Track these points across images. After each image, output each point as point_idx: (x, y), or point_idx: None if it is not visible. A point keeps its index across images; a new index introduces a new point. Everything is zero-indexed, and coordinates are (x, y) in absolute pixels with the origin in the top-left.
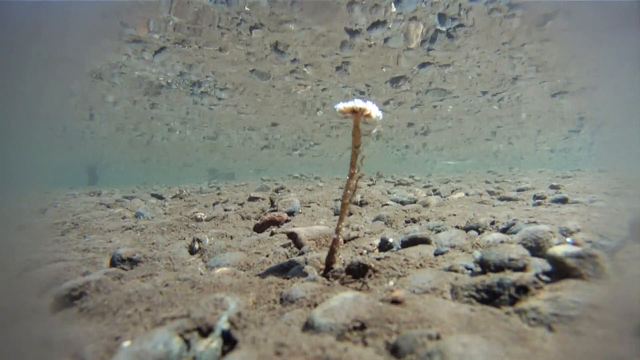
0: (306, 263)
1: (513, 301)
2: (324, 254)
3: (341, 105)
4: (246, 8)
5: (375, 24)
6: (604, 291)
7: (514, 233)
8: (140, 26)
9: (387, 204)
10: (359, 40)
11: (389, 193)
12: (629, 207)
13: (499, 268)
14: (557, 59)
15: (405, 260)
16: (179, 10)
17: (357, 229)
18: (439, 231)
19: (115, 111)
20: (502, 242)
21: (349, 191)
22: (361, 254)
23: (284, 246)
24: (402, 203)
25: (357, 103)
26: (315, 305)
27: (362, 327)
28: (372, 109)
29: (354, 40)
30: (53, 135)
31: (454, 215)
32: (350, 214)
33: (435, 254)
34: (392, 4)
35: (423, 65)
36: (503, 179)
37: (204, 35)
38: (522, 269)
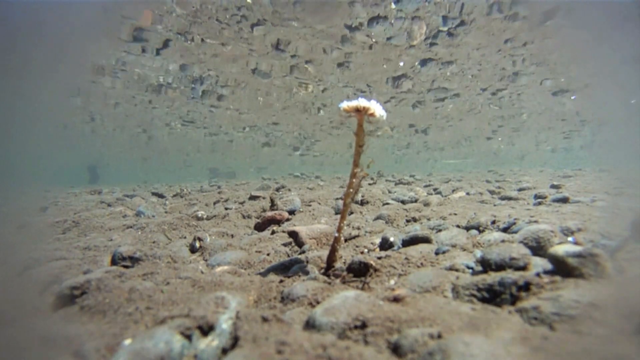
0: (307, 262)
1: (514, 300)
2: (325, 253)
3: (345, 104)
4: (248, 0)
5: (376, 19)
6: (605, 291)
7: (515, 232)
8: (143, 18)
9: (388, 203)
10: (359, 38)
11: (389, 192)
12: (630, 206)
13: (500, 267)
14: (557, 57)
15: (406, 259)
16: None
17: (358, 228)
18: (439, 230)
19: (116, 110)
20: (503, 241)
21: (351, 190)
22: (362, 252)
23: (284, 245)
24: (403, 202)
25: (361, 102)
26: (317, 303)
27: (363, 325)
28: (376, 108)
29: (354, 37)
30: (54, 133)
31: (455, 214)
32: (351, 212)
33: (436, 253)
34: (392, 3)
35: (424, 62)
36: (504, 178)
37: (206, 28)
38: (523, 268)
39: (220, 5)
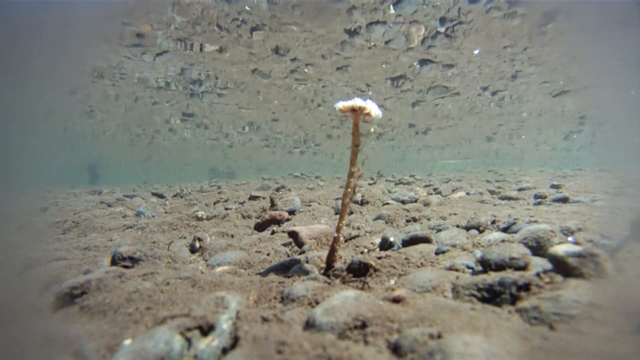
0: (307, 262)
1: (514, 300)
2: (324, 253)
3: (341, 104)
4: (247, 7)
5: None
6: (605, 290)
7: (515, 232)
8: (143, 25)
9: (388, 203)
10: (358, 41)
11: (389, 192)
12: (630, 206)
13: (500, 267)
14: (557, 59)
15: (406, 259)
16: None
17: (358, 228)
18: (439, 230)
19: (116, 110)
20: (503, 241)
21: (349, 190)
22: (362, 252)
23: (284, 245)
24: (403, 202)
25: (357, 102)
26: (317, 304)
27: (363, 325)
28: (372, 108)
29: (353, 40)
30: (54, 134)
31: (455, 214)
32: (351, 212)
33: (436, 253)
34: (391, 6)
35: (424, 62)
36: (504, 178)
37: (206, 36)
38: (523, 268)
39: (222, 10)
